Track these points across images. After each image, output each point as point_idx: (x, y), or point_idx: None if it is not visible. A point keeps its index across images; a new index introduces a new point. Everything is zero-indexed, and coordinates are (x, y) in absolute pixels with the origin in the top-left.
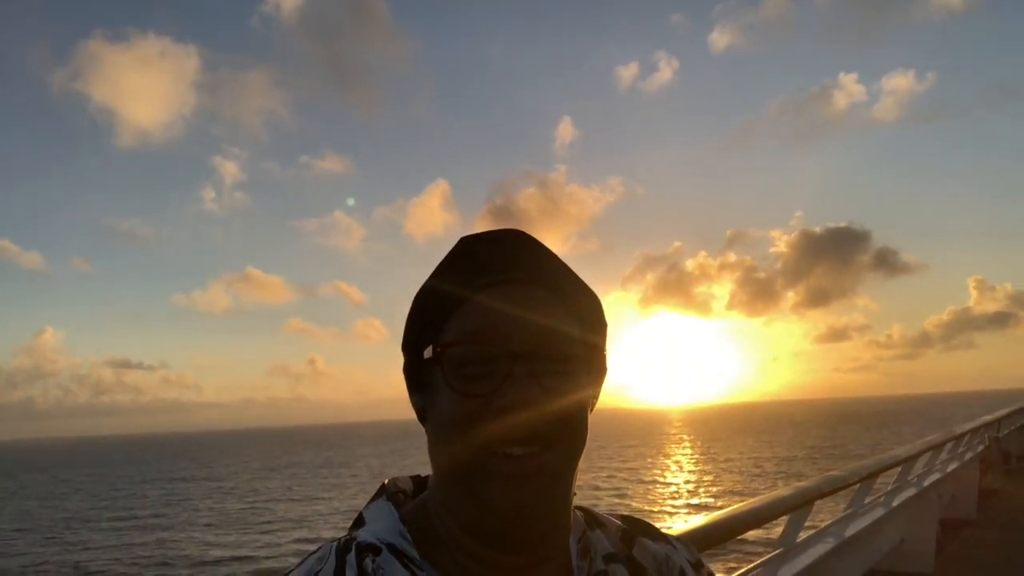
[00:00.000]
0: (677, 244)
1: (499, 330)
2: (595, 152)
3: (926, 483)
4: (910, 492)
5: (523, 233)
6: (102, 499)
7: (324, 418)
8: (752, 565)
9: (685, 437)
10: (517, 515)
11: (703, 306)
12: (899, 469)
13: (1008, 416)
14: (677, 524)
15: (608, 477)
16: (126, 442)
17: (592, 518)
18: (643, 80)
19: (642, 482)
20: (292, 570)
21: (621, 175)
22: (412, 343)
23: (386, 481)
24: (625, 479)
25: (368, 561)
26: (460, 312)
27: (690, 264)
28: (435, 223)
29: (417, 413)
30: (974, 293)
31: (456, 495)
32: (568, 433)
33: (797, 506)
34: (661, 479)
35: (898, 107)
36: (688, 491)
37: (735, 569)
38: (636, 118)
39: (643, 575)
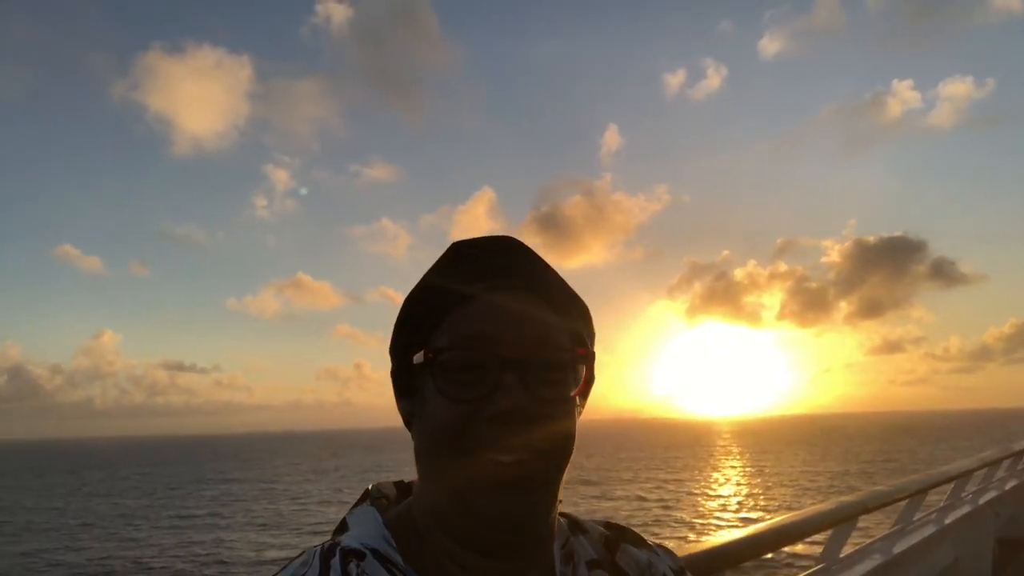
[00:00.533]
0: (725, 253)
1: (491, 336)
2: (641, 160)
3: (982, 501)
4: (964, 510)
5: (516, 240)
6: (159, 497)
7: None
8: None
9: (734, 449)
10: (504, 522)
11: (752, 316)
12: (952, 485)
13: None
14: (720, 535)
15: (655, 488)
16: (179, 442)
17: (575, 524)
18: (691, 87)
19: (690, 494)
20: (276, 574)
21: (668, 183)
22: (401, 347)
23: (370, 486)
24: (673, 490)
25: (352, 566)
26: (451, 317)
27: (739, 273)
28: (480, 231)
29: (404, 418)
30: None
31: (443, 501)
32: (557, 441)
33: (840, 521)
34: (710, 491)
35: (955, 114)
36: (737, 503)
37: None
38: (683, 125)
39: None
